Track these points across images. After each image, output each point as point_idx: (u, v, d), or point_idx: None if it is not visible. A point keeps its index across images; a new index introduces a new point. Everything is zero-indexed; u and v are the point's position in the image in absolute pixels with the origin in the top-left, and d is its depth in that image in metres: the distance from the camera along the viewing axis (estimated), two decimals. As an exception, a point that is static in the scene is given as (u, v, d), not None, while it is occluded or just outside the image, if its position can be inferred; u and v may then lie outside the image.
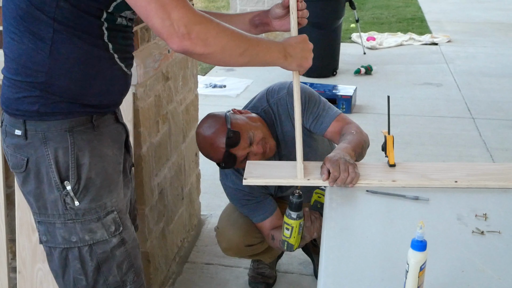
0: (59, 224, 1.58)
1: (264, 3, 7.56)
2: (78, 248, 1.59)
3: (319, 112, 2.24)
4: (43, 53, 1.46)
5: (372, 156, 3.57)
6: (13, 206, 2.43)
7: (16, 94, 1.51)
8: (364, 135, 2.17)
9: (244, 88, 6.06)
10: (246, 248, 2.53)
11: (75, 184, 1.54)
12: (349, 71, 6.67)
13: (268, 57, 1.60)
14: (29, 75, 1.48)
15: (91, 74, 1.52)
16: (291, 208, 2.00)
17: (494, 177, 1.85)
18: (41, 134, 1.52)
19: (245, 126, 2.18)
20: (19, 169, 1.57)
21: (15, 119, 1.54)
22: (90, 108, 1.56)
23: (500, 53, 7.56)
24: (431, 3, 12.38)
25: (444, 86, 6.10)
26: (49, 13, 1.42)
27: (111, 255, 1.63)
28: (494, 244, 1.50)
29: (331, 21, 6.35)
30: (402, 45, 8.14)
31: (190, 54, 1.42)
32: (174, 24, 1.35)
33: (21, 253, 2.38)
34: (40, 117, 1.51)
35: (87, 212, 1.57)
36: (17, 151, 1.56)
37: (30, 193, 1.59)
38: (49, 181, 1.54)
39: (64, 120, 1.52)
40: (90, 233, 1.59)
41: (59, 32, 1.44)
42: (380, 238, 1.54)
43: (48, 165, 1.53)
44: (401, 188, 1.81)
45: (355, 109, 5.34)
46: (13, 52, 1.50)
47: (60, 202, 1.55)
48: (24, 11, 1.44)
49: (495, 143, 4.52)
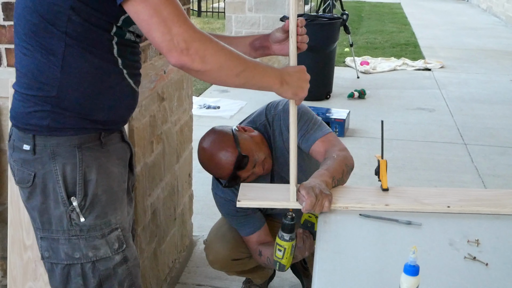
0: (62, 240, 1.58)
1: (259, 26, 7.62)
2: (81, 264, 1.59)
3: (308, 129, 2.23)
4: (55, 67, 1.47)
5: (365, 180, 3.59)
6: (5, 224, 2.42)
7: (27, 109, 1.52)
8: (348, 158, 2.12)
9: (238, 109, 6.08)
10: (233, 263, 2.52)
11: (81, 200, 1.54)
12: (343, 95, 6.71)
13: (264, 81, 1.61)
14: (41, 89, 1.50)
15: (101, 89, 1.54)
16: (284, 230, 2.00)
17: (487, 203, 1.86)
18: (50, 149, 1.53)
19: (252, 150, 2.18)
20: (25, 184, 1.57)
21: (24, 134, 1.54)
22: (98, 125, 1.57)
23: (492, 80, 7.64)
24: (424, 29, 12.53)
25: (436, 111, 6.15)
26: (60, 27, 1.44)
27: (113, 273, 1.62)
28: (486, 270, 1.50)
29: (325, 45, 6.41)
30: (395, 70, 8.21)
31: (187, 69, 1.43)
32: (174, 39, 1.36)
33: (12, 271, 2.37)
34: (50, 132, 1.52)
35: (92, 228, 1.57)
36: (24, 166, 1.56)
37: (35, 208, 1.59)
38: (55, 196, 1.55)
39: (74, 136, 1.53)
40: (93, 250, 1.59)
41: (71, 47, 1.46)
42: (373, 262, 1.54)
43: (56, 180, 1.53)
44: (394, 212, 1.82)
45: (348, 133, 5.36)
46: (24, 67, 1.52)
47: (66, 218, 1.55)
48: (36, 26, 1.46)
49: (487, 169, 4.54)
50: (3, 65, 2.39)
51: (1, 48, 2.37)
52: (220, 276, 2.96)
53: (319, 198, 1.79)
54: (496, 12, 15.54)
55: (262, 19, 7.63)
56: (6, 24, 2.33)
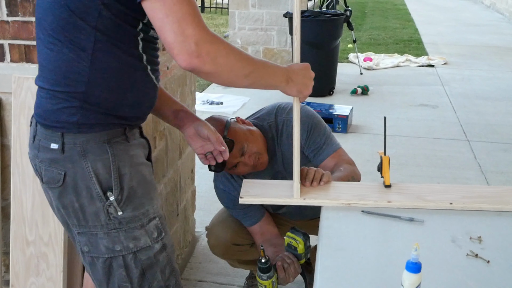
0: (101, 235, 1.58)
1: (262, 22, 7.62)
2: (123, 256, 1.59)
3: (321, 145, 2.28)
4: (84, 63, 1.47)
5: (368, 176, 3.58)
6: (8, 219, 2.43)
7: (55, 105, 1.51)
8: (355, 172, 2.23)
9: (241, 105, 6.08)
10: (234, 248, 2.53)
11: (118, 194, 1.54)
12: (346, 91, 6.70)
13: (272, 81, 1.62)
14: (69, 85, 1.49)
15: (127, 84, 1.54)
16: (261, 271, 2.10)
17: (489, 200, 1.86)
18: (79, 147, 1.52)
19: (241, 137, 2.20)
20: (56, 184, 1.56)
21: (52, 132, 1.53)
22: (123, 120, 1.57)
23: (495, 76, 7.62)
24: (428, 26, 12.50)
25: (439, 108, 6.14)
26: (91, 22, 1.44)
27: (155, 261, 1.63)
28: (488, 267, 1.50)
29: (329, 41, 6.40)
30: (398, 66, 8.19)
31: (197, 72, 1.42)
32: (186, 40, 1.35)
33: (15, 266, 2.38)
34: (78, 129, 1.51)
35: (131, 220, 1.58)
36: (53, 166, 1.55)
37: (68, 207, 1.58)
38: (89, 193, 1.54)
39: (102, 132, 1.53)
40: (134, 241, 1.59)
41: (100, 42, 1.46)
42: (375, 259, 1.54)
43: (88, 177, 1.52)
44: (396, 209, 1.82)
45: (351, 129, 5.36)
46: (52, 62, 1.50)
47: (103, 213, 1.55)
48: (66, 21, 1.45)
49: (490, 166, 4.53)
50: (6, 60, 2.40)
51: (5, 43, 2.37)
52: (222, 272, 2.97)
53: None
54: (500, 8, 15.50)
55: (265, 15, 7.62)
56: (10, 19, 2.33)
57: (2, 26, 2.36)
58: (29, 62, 2.41)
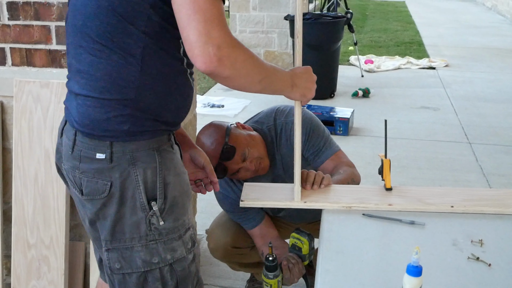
0: (138, 247, 1.53)
1: (263, 25, 7.63)
2: (159, 268, 1.55)
3: (320, 147, 2.29)
4: (134, 68, 1.44)
5: (369, 179, 3.58)
6: (9, 222, 2.43)
7: (104, 114, 1.46)
8: (355, 174, 2.23)
9: (242, 108, 6.08)
10: (233, 251, 2.53)
11: (162, 203, 1.51)
12: (347, 94, 6.70)
13: (280, 86, 1.62)
14: (119, 92, 1.45)
15: (172, 89, 1.52)
16: (267, 269, 2.08)
17: (491, 202, 1.86)
18: (129, 155, 1.48)
19: (242, 142, 2.20)
20: (99, 195, 1.50)
21: (99, 142, 1.48)
22: (168, 126, 1.55)
23: (497, 79, 7.61)
24: (429, 28, 12.50)
25: (441, 110, 6.13)
26: (140, 27, 1.42)
27: (188, 272, 1.61)
28: (489, 271, 1.50)
29: (329, 43, 6.40)
30: (399, 69, 8.19)
31: (214, 75, 1.39)
32: (209, 42, 1.32)
33: (16, 269, 2.38)
34: (129, 137, 1.48)
35: (171, 231, 1.55)
36: (97, 176, 1.49)
37: (107, 218, 1.53)
38: (133, 203, 1.50)
39: (151, 140, 1.50)
40: (171, 252, 1.56)
41: (148, 47, 1.44)
42: (376, 263, 1.54)
43: (136, 186, 1.49)
44: (397, 212, 1.82)
45: (352, 132, 5.36)
46: (100, 70, 1.45)
47: (144, 224, 1.51)
48: (114, 26, 1.42)
49: (491, 168, 4.53)
50: (8, 64, 2.40)
51: (6, 47, 2.38)
52: (223, 275, 2.96)
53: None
54: (501, 10, 15.49)
55: (266, 17, 7.63)
56: (11, 23, 2.34)
57: (3, 30, 2.37)
58: (30, 65, 2.41)
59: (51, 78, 2.38)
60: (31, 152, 2.39)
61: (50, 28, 2.36)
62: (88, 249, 2.53)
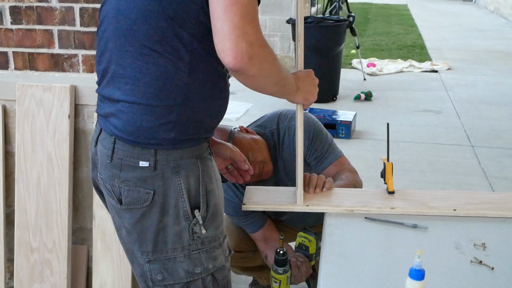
0: (181, 258, 1.51)
1: (265, 28, 7.63)
2: (201, 279, 1.53)
3: (323, 153, 2.28)
4: (183, 73, 1.41)
5: (371, 182, 3.58)
6: (12, 226, 2.43)
7: (151, 122, 1.43)
8: (357, 180, 2.23)
9: (244, 111, 6.08)
10: (236, 254, 2.52)
11: (205, 212, 1.50)
12: (349, 97, 6.70)
13: (289, 89, 1.61)
14: (167, 98, 1.42)
15: (216, 92, 1.50)
16: (277, 264, 2.05)
17: (493, 206, 1.86)
18: (173, 163, 1.45)
19: (246, 146, 2.20)
20: (141, 204, 1.47)
21: (142, 150, 1.45)
22: (207, 133, 1.53)
23: (499, 82, 7.61)
24: (431, 31, 12.49)
25: (443, 113, 6.13)
26: (189, 29, 1.39)
27: (227, 280, 1.60)
28: (492, 274, 1.50)
29: (332, 47, 6.40)
30: (402, 72, 8.19)
31: (241, 73, 1.36)
32: (242, 36, 1.30)
33: (19, 273, 2.38)
34: (174, 145, 1.45)
35: (212, 239, 1.53)
36: (140, 185, 1.46)
37: (148, 229, 1.49)
38: (176, 212, 1.47)
39: (194, 148, 1.48)
40: (213, 261, 1.54)
41: (196, 50, 1.41)
42: (378, 266, 1.54)
43: (179, 195, 1.46)
44: (399, 215, 1.81)
45: (354, 135, 5.36)
46: (147, 75, 1.41)
47: (187, 233, 1.49)
48: (164, 30, 1.38)
49: (494, 172, 4.52)
50: (10, 68, 2.41)
51: (9, 51, 2.38)
52: (226, 278, 2.96)
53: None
54: (504, 13, 15.49)
55: (268, 21, 7.64)
56: (14, 27, 2.34)
57: (6, 34, 2.38)
58: (32, 69, 2.42)
59: (54, 82, 2.39)
60: (34, 156, 2.39)
61: (52, 32, 2.37)
62: (90, 252, 2.54)
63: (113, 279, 2.43)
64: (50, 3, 2.33)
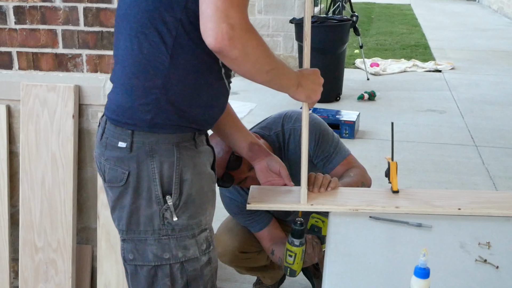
0: (151, 241, 1.56)
1: (268, 28, 7.63)
2: (170, 265, 1.58)
3: (330, 153, 2.26)
4: (164, 57, 1.46)
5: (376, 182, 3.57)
6: (16, 226, 2.44)
7: (130, 102, 1.50)
8: (365, 177, 2.22)
9: (248, 111, 6.08)
10: (241, 255, 2.53)
11: (176, 199, 1.53)
12: (353, 97, 6.70)
13: (286, 82, 1.61)
14: (147, 78, 1.48)
15: (202, 84, 1.52)
16: (293, 235, 2.01)
17: (498, 205, 1.85)
18: (148, 146, 1.51)
19: None
20: (118, 183, 1.55)
21: (122, 130, 1.52)
22: (194, 124, 1.56)
23: (503, 81, 7.60)
24: (434, 31, 12.48)
25: (447, 113, 6.12)
26: (176, 15, 1.43)
27: (200, 274, 1.62)
28: (497, 273, 1.49)
29: (335, 46, 6.40)
30: (405, 72, 8.18)
31: (223, 55, 1.39)
32: (224, 18, 1.32)
33: (24, 272, 2.38)
34: (150, 128, 1.50)
35: (184, 228, 1.57)
36: (118, 164, 1.54)
37: (124, 208, 1.57)
38: (148, 195, 1.53)
39: (173, 135, 1.52)
40: (183, 250, 1.58)
41: (180, 37, 1.45)
42: (383, 265, 1.54)
43: (152, 179, 1.52)
44: (404, 214, 1.81)
45: (358, 135, 5.35)
46: (132, 56, 1.50)
47: (158, 217, 1.54)
48: (151, 13, 1.45)
49: (498, 171, 4.51)
50: (14, 68, 2.41)
51: (13, 51, 2.39)
52: (230, 278, 2.96)
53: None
54: (508, 12, 15.46)
55: (271, 21, 7.64)
56: (18, 27, 2.35)
57: (10, 34, 2.38)
58: (37, 69, 2.42)
59: (58, 81, 2.39)
60: (38, 156, 2.40)
61: (56, 32, 2.37)
62: (95, 252, 2.54)
63: (118, 278, 2.43)
64: (54, 3, 2.34)
